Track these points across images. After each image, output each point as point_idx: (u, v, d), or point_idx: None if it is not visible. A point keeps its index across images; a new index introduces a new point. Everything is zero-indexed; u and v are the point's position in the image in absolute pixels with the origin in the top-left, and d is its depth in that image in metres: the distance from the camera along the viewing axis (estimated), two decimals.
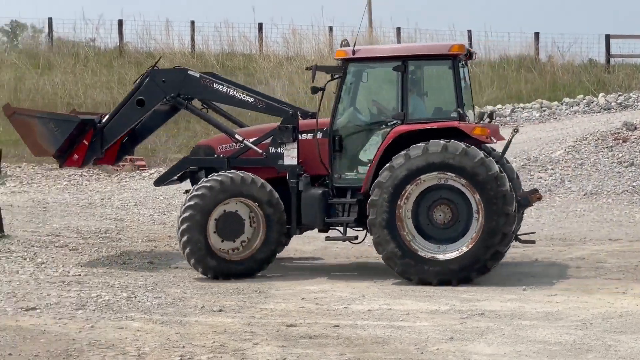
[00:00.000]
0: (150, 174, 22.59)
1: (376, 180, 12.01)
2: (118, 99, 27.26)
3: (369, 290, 11.66)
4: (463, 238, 12.01)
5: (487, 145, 12.71)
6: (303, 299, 11.14)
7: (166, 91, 13.21)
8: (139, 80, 13.46)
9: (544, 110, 28.02)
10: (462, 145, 11.87)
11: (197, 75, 13.35)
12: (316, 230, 13.09)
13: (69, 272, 12.47)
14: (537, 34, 32.87)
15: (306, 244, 13.64)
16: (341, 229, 12.70)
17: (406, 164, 11.89)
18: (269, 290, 11.82)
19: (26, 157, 23.53)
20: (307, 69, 13.23)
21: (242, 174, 12.40)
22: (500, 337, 9.15)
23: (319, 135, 12.79)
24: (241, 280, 12.26)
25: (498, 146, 13.03)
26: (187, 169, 13.35)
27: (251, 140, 13.07)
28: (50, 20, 32.98)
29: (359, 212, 12.45)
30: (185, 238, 12.23)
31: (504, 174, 12.03)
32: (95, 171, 22.64)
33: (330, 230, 13.04)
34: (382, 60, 12.88)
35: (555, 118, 27.63)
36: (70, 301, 10.64)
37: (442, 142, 11.88)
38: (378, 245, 12.09)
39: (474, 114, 13.13)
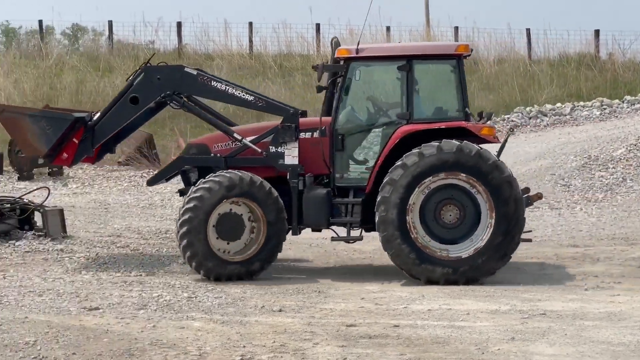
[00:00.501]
0: None
1: (388, 178, 11.93)
2: None
3: (429, 290, 11.61)
4: (471, 239, 12.01)
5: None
6: (362, 298, 11.14)
7: (162, 89, 12.88)
8: (131, 77, 13.12)
9: (605, 109, 27.69)
10: (476, 146, 11.91)
11: (194, 72, 13.04)
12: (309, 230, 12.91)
13: (130, 273, 12.60)
14: (597, 32, 32.49)
15: (365, 244, 13.59)
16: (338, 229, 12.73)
17: (420, 162, 11.85)
18: (329, 290, 11.83)
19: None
20: (313, 67, 13.17)
21: (240, 174, 12.20)
22: (563, 338, 9.07)
23: (318, 134, 12.65)
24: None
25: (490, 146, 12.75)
26: (182, 169, 13.11)
27: (249, 139, 12.83)
28: (110, 23, 33.38)
29: (362, 213, 12.38)
30: (185, 242, 12.08)
31: (515, 177, 12.05)
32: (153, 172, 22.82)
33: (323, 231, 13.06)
34: (387, 59, 12.80)
35: (616, 116, 27.27)
36: (132, 301, 10.75)
37: (456, 142, 11.87)
38: (387, 242, 12.00)
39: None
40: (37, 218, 14.95)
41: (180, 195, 13.29)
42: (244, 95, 13.04)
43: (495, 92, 28.78)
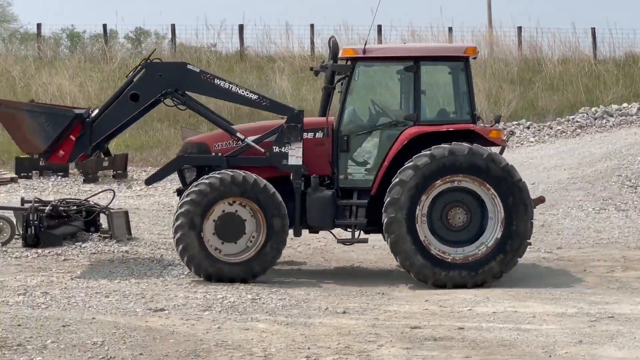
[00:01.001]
0: None
1: (397, 179, 11.81)
2: None
3: (493, 292, 11.53)
4: (479, 241, 11.95)
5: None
6: (426, 300, 11.10)
7: (163, 86, 12.66)
8: (131, 73, 12.91)
9: None
10: (487, 150, 11.85)
11: (197, 70, 12.88)
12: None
13: (195, 275, 12.67)
14: None
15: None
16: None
17: (432, 163, 11.74)
18: (392, 292, 11.82)
19: (151, 162, 24.10)
20: (320, 66, 12.85)
21: (244, 174, 12.02)
22: (632, 341, 8.95)
23: (320, 134, 12.53)
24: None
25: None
26: (180, 168, 12.92)
27: (251, 138, 12.62)
28: (173, 26, 33.64)
29: (367, 214, 12.27)
30: (178, 235, 12.09)
31: (525, 181, 12.00)
32: None
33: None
34: (394, 60, 12.72)
35: None
36: (196, 302, 10.82)
37: (467, 145, 11.80)
38: (395, 245, 11.89)
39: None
40: (103, 220, 15.10)
41: (177, 195, 13.15)
42: (247, 94, 12.87)
43: (559, 92, 28.47)
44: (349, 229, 12.63)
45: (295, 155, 12.39)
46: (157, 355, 8.45)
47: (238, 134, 12.65)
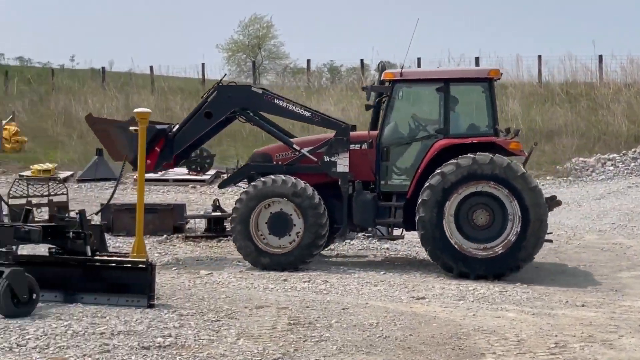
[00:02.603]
0: None
1: (428, 184, 11.85)
2: None
3: None
4: (498, 239, 11.77)
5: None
6: None
7: (232, 105, 12.94)
8: (205, 95, 13.15)
9: None
10: (506, 159, 11.78)
11: (260, 91, 13.06)
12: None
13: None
14: None
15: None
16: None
17: (457, 171, 11.75)
18: (624, 289, 11.30)
19: None
20: (362, 89, 12.97)
21: (283, 177, 12.28)
22: None
23: (365, 146, 12.53)
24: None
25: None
26: (248, 175, 13.00)
27: (306, 149, 12.79)
28: (418, 60, 33.66)
29: (404, 214, 12.26)
30: (233, 225, 12.35)
31: (540, 187, 11.90)
32: None
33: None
34: (426, 82, 12.69)
35: None
36: (452, 293, 10.73)
37: (489, 155, 11.76)
38: (425, 240, 11.95)
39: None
40: None
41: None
42: (302, 111, 13.04)
43: None
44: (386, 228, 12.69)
45: (342, 164, 12.53)
46: (424, 337, 8.41)
47: (294, 146, 12.90)
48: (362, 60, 34.75)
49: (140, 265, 9.31)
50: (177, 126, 13.29)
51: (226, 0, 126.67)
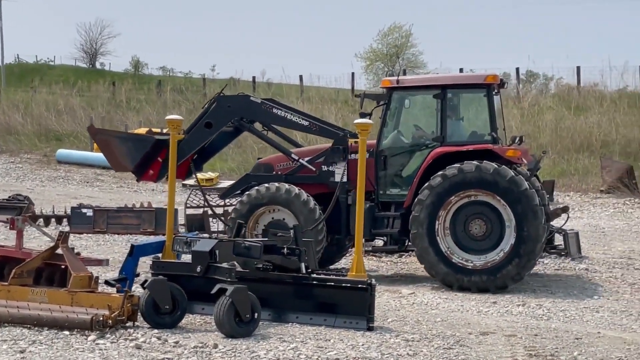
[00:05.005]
0: None
1: (417, 198, 11.49)
2: None
3: None
4: (497, 249, 11.36)
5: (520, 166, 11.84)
6: None
7: (231, 115, 12.66)
8: (206, 105, 12.85)
9: None
10: (493, 165, 11.33)
11: (259, 101, 12.82)
12: None
13: None
14: None
15: None
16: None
17: (444, 182, 11.38)
18: None
19: (572, 187, 23.12)
20: (355, 96, 12.32)
21: (277, 185, 12.05)
22: None
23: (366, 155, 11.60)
24: None
25: None
26: (249, 184, 12.54)
27: (306, 159, 12.47)
28: (578, 69, 32.48)
29: (402, 224, 11.83)
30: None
31: (533, 190, 11.39)
32: (636, 200, 21.52)
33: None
34: (423, 88, 12.43)
35: None
36: None
37: (475, 162, 11.35)
38: (421, 256, 11.57)
39: (505, 137, 12.44)
40: (558, 239, 14.45)
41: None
42: (300, 120, 12.68)
43: None
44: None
45: (340, 173, 12.12)
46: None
47: (293, 156, 12.64)
48: (517, 70, 33.73)
49: (360, 286, 8.77)
50: None
51: (368, 9, 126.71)
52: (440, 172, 11.58)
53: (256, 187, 12.24)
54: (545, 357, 7.92)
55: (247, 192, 12.30)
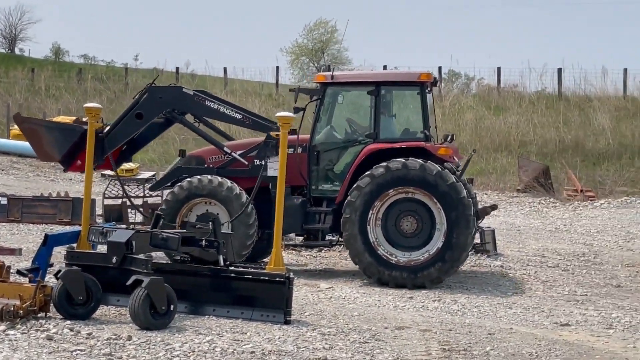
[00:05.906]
0: (601, 203, 21.54)
1: (355, 185, 11.57)
2: (564, 137, 26.58)
3: None
4: (423, 249, 11.54)
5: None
6: None
7: (163, 106, 12.56)
8: (137, 95, 12.72)
9: None
10: (419, 161, 11.47)
11: (191, 92, 12.68)
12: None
13: (576, 292, 11.88)
14: None
15: None
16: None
17: (372, 182, 11.48)
18: None
19: (490, 186, 23.47)
20: (290, 90, 12.58)
21: (210, 177, 11.97)
22: None
23: (299, 150, 12.22)
24: None
25: None
26: (179, 177, 12.45)
27: (238, 152, 12.47)
28: (499, 69, 32.98)
29: (333, 220, 11.95)
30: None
31: (460, 183, 11.53)
32: (550, 200, 22.00)
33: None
34: (357, 84, 12.49)
35: None
36: (595, 320, 9.95)
37: (402, 160, 11.48)
38: (348, 242, 11.63)
39: (437, 135, 12.61)
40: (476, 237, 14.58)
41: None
42: (233, 113, 12.60)
43: None
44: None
45: (272, 168, 12.09)
46: None
47: (225, 149, 12.59)
48: (440, 68, 34.06)
49: (278, 279, 8.75)
50: (108, 127, 12.83)
51: (294, 4, 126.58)
52: (367, 172, 11.65)
53: (198, 177, 12.14)
54: (459, 351, 8.02)
55: (188, 179, 12.16)
